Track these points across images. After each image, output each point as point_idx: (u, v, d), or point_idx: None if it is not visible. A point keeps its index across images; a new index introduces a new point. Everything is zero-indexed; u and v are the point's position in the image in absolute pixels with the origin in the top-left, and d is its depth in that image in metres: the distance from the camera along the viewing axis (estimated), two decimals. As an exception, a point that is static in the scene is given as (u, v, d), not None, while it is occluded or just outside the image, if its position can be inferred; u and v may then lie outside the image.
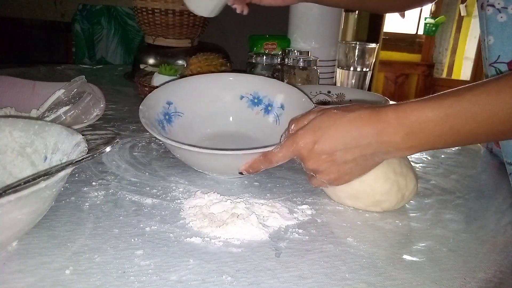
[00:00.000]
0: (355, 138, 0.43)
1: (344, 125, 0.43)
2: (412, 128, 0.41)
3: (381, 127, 0.42)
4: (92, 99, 0.70)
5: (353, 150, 0.44)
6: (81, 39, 1.97)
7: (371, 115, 0.43)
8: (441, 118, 0.41)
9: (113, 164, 0.60)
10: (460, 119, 0.40)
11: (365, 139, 0.43)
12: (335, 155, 0.44)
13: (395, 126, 0.42)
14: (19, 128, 0.48)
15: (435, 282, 0.40)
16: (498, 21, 0.59)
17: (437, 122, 0.41)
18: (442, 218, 0.52)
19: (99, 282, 0.36)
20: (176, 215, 0.48)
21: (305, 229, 0.47)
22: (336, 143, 0.44)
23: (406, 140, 0.42)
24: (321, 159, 0.45)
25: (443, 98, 0.41)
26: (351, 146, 0.43)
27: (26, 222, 0.37)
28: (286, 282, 0.38)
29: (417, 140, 0.42)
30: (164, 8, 1.06)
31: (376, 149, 0.44)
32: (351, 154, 0.44)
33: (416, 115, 0.41)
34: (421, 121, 0.41)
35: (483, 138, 0.44)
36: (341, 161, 0.45)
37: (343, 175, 0.47)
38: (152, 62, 1.12)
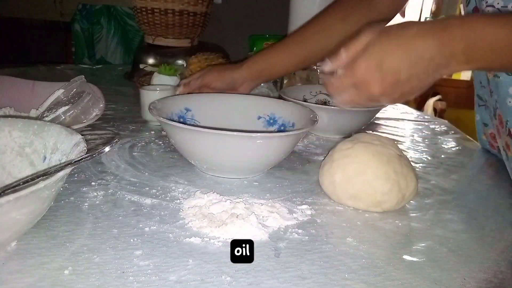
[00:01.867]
0: (419, 52, 0.42)
1: (407, 40, 0.42)
2: (476, 41, 0.41)
3: (446, 39, 0.41)
4: (91, 99, 0.69)
5: (417, 65, 0.43)
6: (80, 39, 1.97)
7: (435, 26, 0.42)
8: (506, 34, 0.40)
9: (112, 164, 0.60)
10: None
11: (429, 51, 0.42)
12: (400, 73, 0.43)
13: (460, 38, 0.41)
14: (18, 128, 0.48)
15: (435, 282, 0.40)
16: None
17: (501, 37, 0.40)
18: (442, 218, 0.52)
19: (98, 282, 0.36)
20: (176, 215, 0.48)
21: (305, 229, 0.47)
22: (401, 61, 0.42)
23: (469, 52, 0.41)
24: (386, 82, 0.44)
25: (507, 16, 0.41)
26: (415, 60, 0.42)
27: (25, 222, 0.37)
28: (285, 282, 0.38)
29: (479, 54, 0.41)
30: (164, 8, 1.06)
31: (439, 62, 0.42)
32: (415, 69, 0.43)
33: (482, 28, 0.40)
34: (486, 34, 0.40)
35: None
36: (405, 78, 0.43)
37: (405, 94, 0.45)
38: (152, 62, 1.12)
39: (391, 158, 0.52)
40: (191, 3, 1.07)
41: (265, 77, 0.77)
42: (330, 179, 0.53)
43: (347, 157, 0.53)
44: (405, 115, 1.03)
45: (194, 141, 0.54)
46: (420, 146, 0.80)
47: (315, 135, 0.81)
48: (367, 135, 0.56)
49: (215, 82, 0.74)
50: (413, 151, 0.76)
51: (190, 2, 1.07)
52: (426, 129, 0.92)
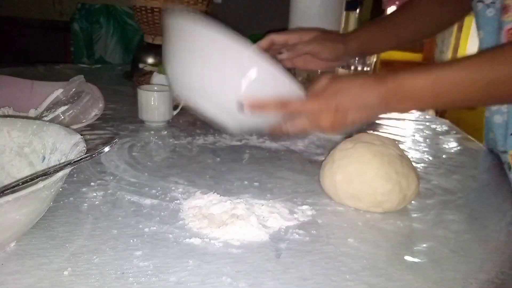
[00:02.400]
0: (364, 100, 0.50)
1: (356, 89, 0.51)
2: (406, 94, 0.50)
3: (383, 94, 0.50)
4: (90, 98, 0.69)
5: (361, 111, 0.51)
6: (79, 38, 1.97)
7: (375, 83, 0.50)
8: (430, 86, 0.49)
9: (112, 164, 0.60)
10: (445, 87, 0.49)
11: (371, 102, 0.50)
12: (348, 116, 0.51)
13: (394, 93, 0.50)
14: (17, 128, 0.48)
15: (436, 283, 0.39)
16: (487, 16, 0.62)
17: (426, 88, 0.49)
18: (444, 219, 0.52)
19: (98, 283, 0.35)
20: (175, 215, 0.47)
21: (306, 230, 0.46)
22: (350, 104, 0.51)
23: (402, 103, 0.51)
24: (336, 119, 0.51)
25: (432, 70, 0.50)
26: (361, 105, 0.51)
27: (24, 223, 0.37)
28: (286, 284, 0.38)
29: (410, 103, 0.51)
30: (163, 7, 1.06)
31: (377, 110, 0.52)
32: (359, 114, 0.51)
33: (410, 83, 0.49)
34: (414, 87, 0.49)
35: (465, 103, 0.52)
36: (350, 120, 0.51)
37: (344, 129, 0.53)
38: (151, 62, 1.12)
39: (392, 158, 0.51)
40: (191, 3, 1.06)
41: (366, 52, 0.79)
42: (331, 179, 0.53)
43: (348, 157, 0.53)
44: (406, 115, 1.03)
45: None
46: (421, 146, 0.80)
47: (315, 135, 0.80)
48: (368, 135, 0.56)
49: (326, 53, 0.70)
50: (414, 151, 0.76)
51: (190, 2, 1.06)
52: (427, 129, 0.92)
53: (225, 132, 0.78)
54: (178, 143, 0.71)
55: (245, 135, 0.56)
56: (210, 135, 0.76)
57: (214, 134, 0.76)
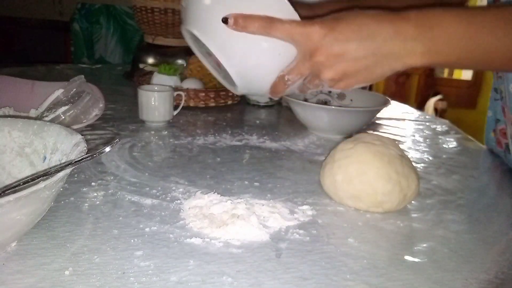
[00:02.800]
0: (372, 32, 0.40)
1: (363, 18, 0.41)
2: (431, 31, 0.40)
3: (400, 24, 0.40)
4: (91, 98, 0.69)
5: (367, 45, 0.41)
6: (80, 38, 1.97)
7: (392, 13, 0.41)
8: (463, 26, 0.40)
9: (112, 164, 0.60)
10: (481, 31, 0.39)
11: (382, 35, 0.40)
12: (348, 47, 0.41)
13: (415, 26, 0.40)
14: (18, 128, 0.48)
15: (436, 283, 0.39)
16: None
17: (457, 29, 0.40)
18: (444, 219, 0.52)
19: (99, 283, 0.36)
20: (176, 215, 0.47)
21: (306, 230, 0.46)
22: (352, 33, 0.41)
23: (422, 43, 0.40)
24: (332, 51, 0.41)
25: (466, 9, 0.41)
26: (366, 39, 0.41)
27: (25, 223, 0.37)
28: (286, 283, 0.38)
29: (433, 45, 0.41)
30: (163, 7, 1.06)
31: (390, 50, 0.41)
32: (364, 50, 0.41)
33: (438, 18, 0.40)
34: (442, 25, 0.40)
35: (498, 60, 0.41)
36: (351, 56, 0.41)
37: (348, 76, 0.43)
38: (152, 62, 1.12)
39: (392, 158, 0.51)
40: (191, 3, 1.07)
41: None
42: (331, 179, 0.53)
43: (348, 157, 0.53)
44: (406, 115, 1.03)
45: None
46: (421, 146, 0.80)
47: (316, 135, 0.81)
48: (368, 135, 0.56)
49: None
50: (414, 151, 0.76)
51: (190, 2, 1.06)
52: (427, 129, 0.92)
53: (225, 132, 0.78)
54: (179, 143, 0.71)
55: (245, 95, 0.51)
56: (210, 135, 0.76)
57: (214, 134, 0.76)
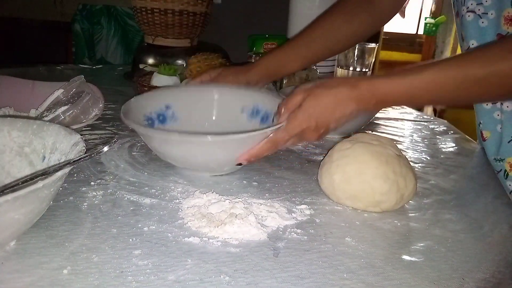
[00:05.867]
0: (342, 111, 0.53)
1: (331, 103, 0.53)
2: (382, 98, 0.53)
3: (359, 100, 0.53)
4: (91, 98, 0.69)
5: (340, 120, 0.54)
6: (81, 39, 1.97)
7: (350, 91, 0.53)
8: (403, 90, 0.52)
9: (111, 163, 0.60)
10: (419, 90, 0.51)
11: (348, 110, 0.53)
12: (330, 125, 0.55)
13: (369, 98, 0.53)
14: (17, 128, 0.48)
15: (433, 282, 0.40)
16: (479, 26, 0.64)
17: (401, 92, 0.52)
18: (441, 218, 0.52)
19: (97, 282, 0.36)
20: (175, 215, 0.48)
21: (304, 229, 0.47)
22: (329, 119, 0.54)
23: (378, 106, 0.57)
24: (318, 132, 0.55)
25: (406, 74, 0.51)
26: (339, 117, 0.54)
27: (24, 222, 0.37)
28: (284, 282, 0.38)
29: (386, 105, 0.58)
30: (163, 8, 1.06)
31: (357, 114, 0.55)
32: (340, 122, 0.55)
33: (385, 88, 0.52)
34: (389, 92, 0.52)
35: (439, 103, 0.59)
36: (332, 128, 0.55)
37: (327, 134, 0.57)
38: (152, 62, 1.12)
39: (390, 158, 0.52)
40: (191, 3, 1.07)
41: (275, 77, 0.79)
42: (329, 179, 0.53)
43: (346, 157, 0.53)
44: (404, 115, 1.03)
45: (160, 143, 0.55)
46: (419, 146, 0.80)
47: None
48: (366, 135, 0.56)
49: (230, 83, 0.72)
50: (412, 151, 0.76)
51: (190, 2, 1.06)
52: (425, 129, 0.92)
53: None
54: (178, 143, 0.71)
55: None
56: (209, 135, 0.76)
57: (214, 134, 0.77)
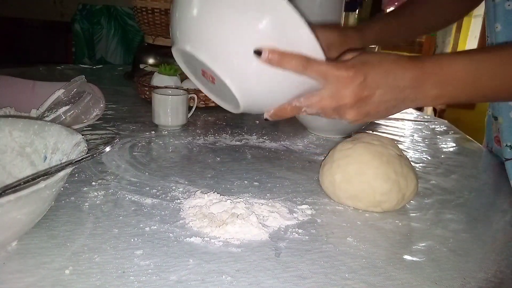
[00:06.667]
0: (396, 79, 0.44)
1: (388, 64, 0.44)
2: (443, 78, 0.44)
3: (417, 73, 0.44)
4: (91, 99, 0.69)
5: (391, 91, 0.44)
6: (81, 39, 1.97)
7: (410, 60, 0.45)
8: (470, 71, 0.44)
9: (112, 164, 0.60)
10: (487, 74, 0.44)
11: (403, 81, 0.44)
12: (376, 92, 0.44)
13: (429, 74, 0.44)
14: (18, 128, 0.48)
15: (435, 282, 0.40)
16: (505, 9, 0.62)
17: (466, 74, 0.44)
18: (442, 218, 0.52)
19: (99, 282, 0.36)
20: (176, 215, 0.48)
21: (305, 229, 0.47)
22: (380, 80, 0.44)
23: (436, 88, 0.45)
24: (361, 95, 0.44)
25: (474, 54, 0.45)
26: (391, 86, 0.44)
27: (26, 222, 0.37)
28: (285, 282, 0.38)
29: (445, 89, 0.45)
30: (163, 8, 1.06)
31: (408, 95, 0.45)
32: (388, 95, 0.45)
33: (449, 66, 0.44)
34: (452, 72, 0.44)
35: (503, 95, 0.48)
36: (377, 100, 0.44)
37: (368, 116, 0.46)
38: (152, 62, 1.12)
39: (391, 158, 0.52)
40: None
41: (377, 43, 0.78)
42: (330, 179, 0.53)
43: (347, 157, 0.53)
44: (405, 115, 1.03)
45: None
46: (420, 146, 0.80)
47: (315, 135, 0.81)
48: (367, 135, 0.56)
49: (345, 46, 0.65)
50: (413, 151, 0.76)
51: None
52: (426, 129, 0.92)
53: (225, 132, 0.78)
54: (179, 143, 0.71)
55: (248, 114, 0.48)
56: (210, 135, 0.76)
57: (214, 134, 0.77)
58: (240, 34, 0.40)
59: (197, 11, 0.41)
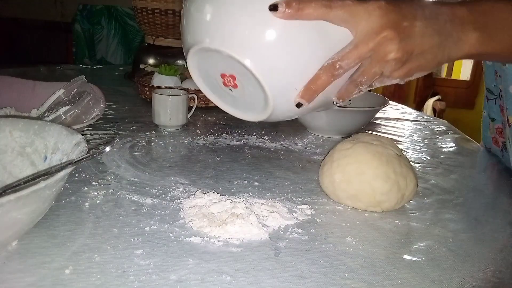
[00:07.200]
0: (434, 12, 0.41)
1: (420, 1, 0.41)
2: (484, 17, 0.42)
3: (456, 8, 0.42)
4: (92, 99, 0.70)
5: (432, 23, 0.40)
6: (81, 39, 1.97)
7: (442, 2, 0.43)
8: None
9: (113, 164, 0.60)
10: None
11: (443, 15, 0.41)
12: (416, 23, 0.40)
13: (469, 11, 0.42)
14: (19, 128, 0.48)
15: (434, 281, 0.40)
16: None
17: (509, 15, 0.43)
18: (442, 218, 0.52)
19: (99, 282, 0.36)
20: (176, 214, 0.48)
21: (305, 229, 0.47)
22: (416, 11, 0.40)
23: (477, 27, 0.42)
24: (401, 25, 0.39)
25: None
26: (430, 18, 0.40)
27: (26, 222, 0.37)
28: (285, 282, 0.38)
29: (487, 30, 0.42)
30: (164, 8, 1.06)
31: (450, 32, 0.41)
32: (430, 27, 0.40)
33: (489, 5, 0.43)
34: (493, 12, 0.43)
35: None
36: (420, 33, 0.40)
37: (413, 57, 0.41)
38: (152, 62, 1.12)
39: (391, 158, 0.52)
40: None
41: None
42: (329, 179, 0.53)
43: (346, 157, 0.53)
44: (404, 115, 1.03)
45: None
46: (419, 146, 0.80)
47: (315, 135, 0.81)
48: (367, 135, 0.56)
49: None
50: (412, 151, 0.77)
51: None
52: (425, 129, 0.92)
53: (225, 132, 0.78)
54: (179, 142, 0.72)
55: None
56: (210, 135, 0.76)
57: (214, 134, 0.77)
58: (254, 9, 0.38)
59: (212, 7, 0.39)
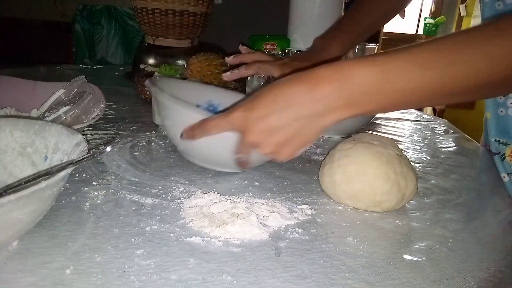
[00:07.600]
0: (287, 98, 0.40)
1: (276, 88, 0.41)
2: (345, 83, 0.38)
3: (314, 82, 0.39)
4: (92, 99, 0.70)
5: (286, 112, 0.40)
6: (81, 39, 1.97)
7: (304, 74, 0.40)
8: (375, 73, 0.38)
9: (113, 164, 0.60)
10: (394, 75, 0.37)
11: (298, 98, 0.40)
12: (270, 120, 0.41)
13: (328, 81, 0.39)
14: (19, 128, 0.48)
15: (434, 281, 0.40)
16: (495, 9, 0.63)
17: (370, 77, 0.38)
18: (442, 218, 0.52)
19: (100, 282, 0.36)
20: (176, 214, 0.48)
21: (305, 229, 0.47)
22: (268, 106, 0.41)
23: (339, 97, 0.39)
24: (257, 129, 0.42)
25: (378, 55, 0.39)
26: (284, 107, 0.40)
27: (27, 222, 0.37)
28: (286, 282, 0.38)
29: (351, 97, 0.39)
30: (164, 8, 1.06)
31: (311, 110, 0.40)
32: (285, 118, 0.41)
33: (350, 69, 0.38)
34: (355, 75, 0.38)
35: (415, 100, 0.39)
36: (276, 127, 0.41)
37: (284, 145, 0.43)
38: (152, 62, 1.12)
39: (391, 158, 0.52)
40: (191, 4, 1.07)
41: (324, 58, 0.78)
42: (330, 179, 0.53)
43: (347, 157, 0.53)
44: (404, 114, 1.03)
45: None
46: (419, 145, 0.80)
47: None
48: (367, 135, 0.56)
49: None
50: (412, 151, 0.77)
51: (190, 3, 1.07)
52: (425, 129, 0.92)
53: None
54: (179, 143, 0.71)
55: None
56: (210, 135, 0.76)
57: (215, 134, 0.77)
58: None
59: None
